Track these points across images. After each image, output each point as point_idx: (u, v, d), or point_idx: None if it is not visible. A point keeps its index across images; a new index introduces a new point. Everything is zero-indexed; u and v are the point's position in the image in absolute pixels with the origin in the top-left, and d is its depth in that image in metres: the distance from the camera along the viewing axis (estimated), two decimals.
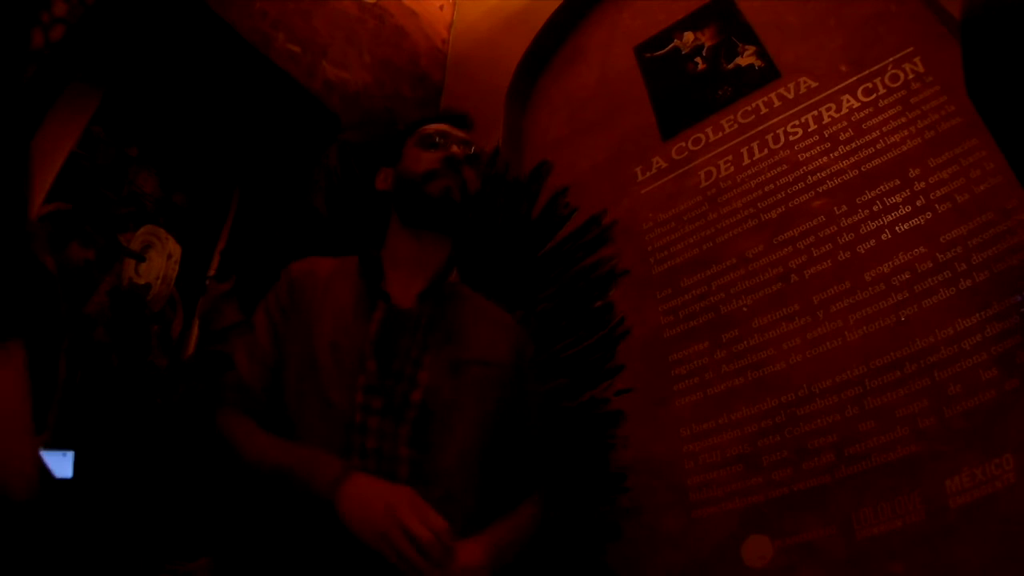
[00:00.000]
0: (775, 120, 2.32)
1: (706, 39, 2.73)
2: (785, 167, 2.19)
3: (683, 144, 2.52)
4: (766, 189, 2.19)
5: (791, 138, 2.24)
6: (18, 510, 0.66)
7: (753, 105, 2.41)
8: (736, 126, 2.41)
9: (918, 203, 1.87)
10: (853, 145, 2.09)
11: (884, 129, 2.05)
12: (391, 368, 1.04)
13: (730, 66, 2.58)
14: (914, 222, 1.85)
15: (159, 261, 2.07)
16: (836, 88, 2.24)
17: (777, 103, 2.36)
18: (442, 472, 0.99)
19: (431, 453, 0.99)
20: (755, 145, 2.32)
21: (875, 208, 1.94)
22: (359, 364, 1.03)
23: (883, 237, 1.88)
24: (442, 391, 1.04)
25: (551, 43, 3.30)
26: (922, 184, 1.89)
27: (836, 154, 2.11)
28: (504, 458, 1.11)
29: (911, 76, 2.10)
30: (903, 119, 2.03)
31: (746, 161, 2.30)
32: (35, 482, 0.68)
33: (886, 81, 2.14)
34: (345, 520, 0.88)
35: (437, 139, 1.21)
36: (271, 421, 1.05)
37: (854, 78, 2.22)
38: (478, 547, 0.92)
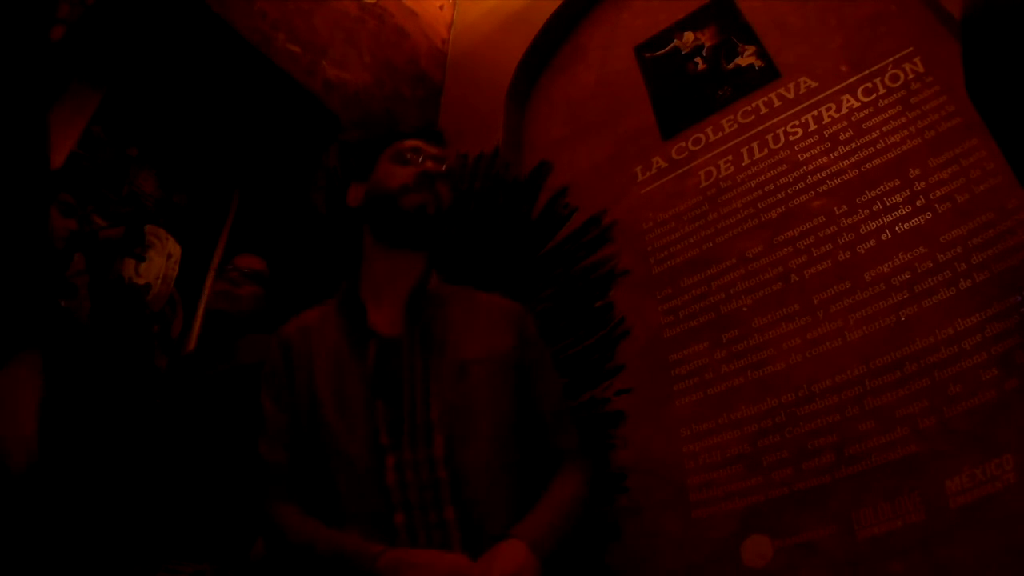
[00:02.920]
0: (775, 120, 2.32)
1: (706, 39, 2.73)
2: (785, 167, 2.19)
3: (683, 144, 2.51)
4: (766, 189, 2.19)
5: (791, 138, 2.24)
6: (17, 481, 0.86)
7: (753, 105, 2.41)
8: (736, 126, 2.41)
9: (918, 203, 1.87)
10: (853, 145, 2.09)
11: (884, 129, 2.05)
12: (400, 402, 1.03)
13: (730, 66, 2.58)
14: (914, 222, 1.85)
15: (159, 261, 2.07)
16: (836, 88, 2.24)
17: (777, 103, 2.36)
18: (473, 488, 0.98)
19: (462, 475, 0.98)
20: (755, 145, 2.32)
21: (875, 208, 1.94)
22: (368, 409, 1.02)
23: (883, 237, 1.88)
24: (454, 405, 1.03)
25: (551, 43, 3.30)
26: (922, 184, 1.89)
27: (836, 154, 2.11)
28: (534, 434, 1.10)
29: (911, 76, 2.10)
30: (903, 119, 2.03)
31: (746, 161, 2.30)
32: (33, 458, 0.88)
33: (886, 81, 2.14)
34: None
35: (410, 155, 1.21)
36: (310, 494, 1.03)
37: (854, 78, 2.22)
38: (517, 551, 0.90)
